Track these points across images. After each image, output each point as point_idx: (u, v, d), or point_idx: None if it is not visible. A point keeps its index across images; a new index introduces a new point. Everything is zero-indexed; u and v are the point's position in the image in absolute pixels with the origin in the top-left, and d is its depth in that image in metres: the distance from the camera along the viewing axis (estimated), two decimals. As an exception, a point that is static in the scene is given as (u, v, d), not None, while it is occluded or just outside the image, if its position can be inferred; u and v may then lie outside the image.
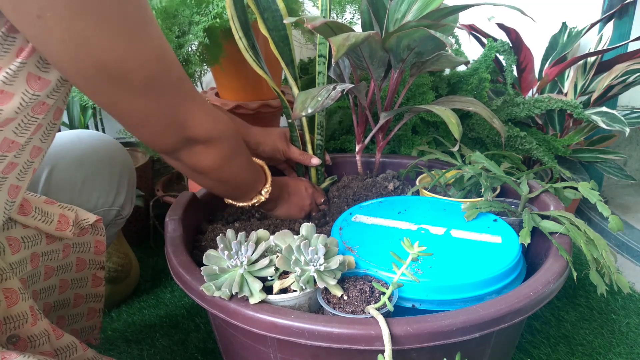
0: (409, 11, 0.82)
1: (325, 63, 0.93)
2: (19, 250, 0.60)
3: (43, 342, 0.57)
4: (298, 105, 0.71)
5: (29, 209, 0.61)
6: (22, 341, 0.55)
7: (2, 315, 0.54)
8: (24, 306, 0.56)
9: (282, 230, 0.62)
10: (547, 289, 0.58)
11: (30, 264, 0.62)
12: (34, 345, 0.56)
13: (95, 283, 0.75)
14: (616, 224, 0.71)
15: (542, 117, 1.33)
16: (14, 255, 0.59)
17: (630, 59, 1.24)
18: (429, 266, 0.64)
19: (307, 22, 0.69)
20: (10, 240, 0.59)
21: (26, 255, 0.61)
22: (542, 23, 1.34)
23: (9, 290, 0.55)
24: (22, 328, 0.55)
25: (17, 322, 0.55)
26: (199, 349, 0.89)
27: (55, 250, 0.67)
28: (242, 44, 0.86)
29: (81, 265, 0.72)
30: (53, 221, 0.63)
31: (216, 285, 0.57)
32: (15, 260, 0.59)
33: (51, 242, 0.66)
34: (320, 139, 0.96)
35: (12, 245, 0.59)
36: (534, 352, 0.87)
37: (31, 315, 0.56)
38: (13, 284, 0.55)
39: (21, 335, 0.55)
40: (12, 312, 0.54)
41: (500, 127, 0.81)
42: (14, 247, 0.59)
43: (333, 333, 0.51)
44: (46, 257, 0.66)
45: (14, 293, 0.55)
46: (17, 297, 0.55)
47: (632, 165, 1.64)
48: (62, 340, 0.59)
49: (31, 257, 0.62)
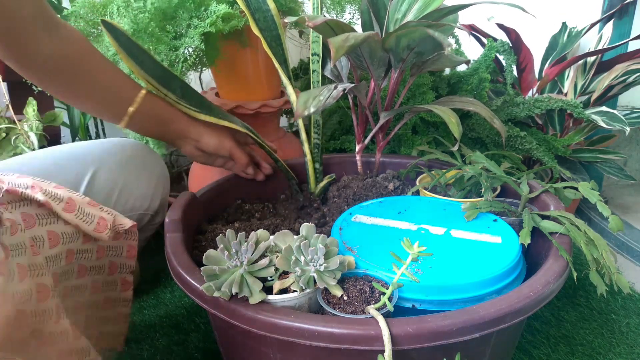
0: (410, 11, 0.82)
1: (319, 61, 0.93)
2: (57, 244, 0.62)
3: (62, 340, 0.58)
4: (300, 105, 0.71)
5: (74, 207, 0.64)
6: (44, 337, 0.56)
7: (32, 308, 0.55)
8: (52, 303, 0.57)
9: (282, 230, 0.62)
10: (547, 289, 0.58)
11: (64, 259, 0.64)
12: (53, 343, 0.57)
13: (124, 287, 0.78)
14: (616, 224, 0.71)
15: (542, 117, 1.33)
16: (51, 249, 0.61)
17: (630, 59, 1.24)
18: (429, 266, 0.64)
19: (307, 21, 0.69)
20: (51, 234, 0.61)
21: (62, 250, 0.63)
22: (542, 23, 1.34)
23: (42, 285, 0.56)
24: (46, 324, 0.56)
25: (43, 317, 0.56)
26: (199, 349, 0.89)
27: (90, 249, 0.69)
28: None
29: (113, 269, 0.75)
30: (93, 222, 0.66)
31: (216, 285, 0.57)
32: (52, 254, 0.61)
33: (87, 241, 0.68)
34: (317, 137, 0.96)
35: (52, 239, 0.61)
36: (534, 352, 0.87)
37: (56, 313, 0.57)
38: (46, 280, 0.57)
39: (44, 331, 0.56)
40: (40, 307, 0.56)
41: (501, 127, 0.81)
42: (53, 241, 0.61)
43: (333, 333, 0.51)
44: (81, 255, 0.68)
45: (45, 289, 0.57)
46: (48, 294, 0.57)
47: (632, 165, 1.64)
48: (79, 342, 0.61)
49: (67, 253, 0.64)
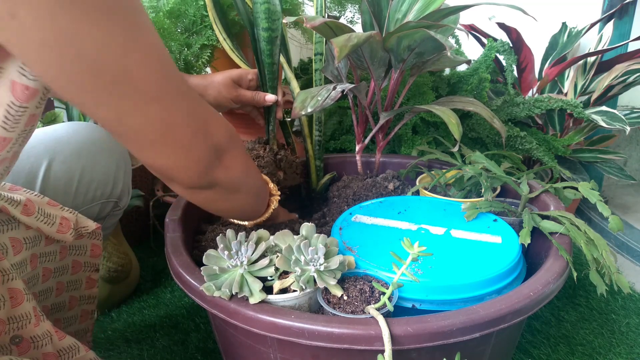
0: (410, 11, 0.82)
1: (322, 60, 0.93)
2: (21, 251, 0.59)
3: (46, 343, 0.56)
4: (298, 104, 0.71)
5: (33, 210, 0.60)
6: (25, 342, 0.55)
7: (6, 315, 0.53)
8: (28, 307, 0.55)
9: (282, 230, 0.62)
10: (547, 289, 0.58)
11: (30, 264, 0.62)
12: (37, 347, 0.56)
13: (89, 285, 0.75)
14: (616, 224, 0.71)
15: (542, 117, 1.33)
16: (15, 256, 0.59)
17: (630, 59, 1.24)
18: (429, 266, 0.64)
19: (306, 22, 0.69)
20: (13, 241, 0.59)
21: (26, 256, 0.61)
22: (542, 23, 1.34)
23: (14, 290, 0.54)
24: (26, 329, 0.54)
25: (21, 322, 0.54)
26: (199, 349, 0.89)
27: (53, 252, 0.66)
28: (227, 45, 0.88)
29: (76, 268, 0.72)
30: (55, 223, 0.63)
31: (216, 285, 0.57)
32: (17, 261, 0.59)
33: (49, 243, 0.66)
34: (318, 134, 0.96)
35: (15, 246, 0.59)
36: (534, 352, 0.87)
37: (34, 316, 0.55)
38: (18, 284, 0.55)
39: (24, 336, 0.54)
40: (16, 312, 0.54)
41: (501, 127, 0.81)
42: (16, 248, 0.59)
43: (333, 333, 0.51)
44: (44, 258, 0.65)
45: (19, 293, 0.54)
46: (22, 297, 0.55)
47: (632, 165, 1.64)
48: (64, 341, 0.59)
49: (31, 257, 0.62)
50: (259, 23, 0.81)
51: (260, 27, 0.81)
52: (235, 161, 0.53)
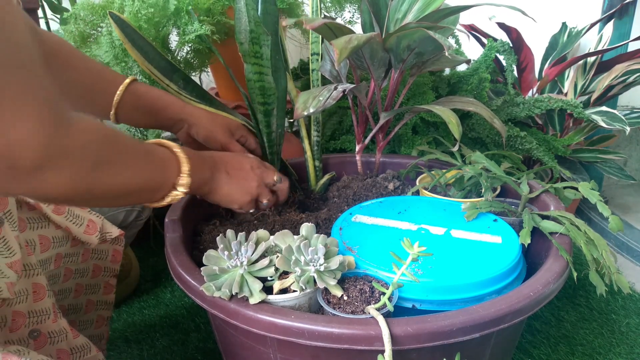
0: (410, 11, 0.81)
1: (318, 60, 0.93)
2: (48, 249, 0.62)
3: (61, 339, 0.58)
4: (300, 105, 0.71)
5: (63, 209, 0.63)
6: (43, 336, 0.57)
7: (27, 309, 0.55)
8: (48, 303, 0.57)
9: (282, 230, 0.62)
10: (547, 289, 0.58)
11: (53, 263, 0.64)
12: (53, 342, 0.57)
13: (107, 290, 0.78)
14: (616, 224, 0.71)
15: (542, 117, 1.33)
16: (42, 254, 0.61)
17: (630, 59, 1.24)
18: (429, 266, 0.64)
19: (305, 24, 0.69)
20: (42, 239, 0.61)
21: (52, 254, 0.63)
22: (542, 23, 1.34)
23: (38, 285, 0.56)
24: (44, 324, 0.57)
25: (41, 317, 0.56)
26: (199, 349, 0.89)
27: (76, 253, 0.69)
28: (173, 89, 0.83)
29: (97, 272, 0.75)
30: (82, 224, 0.66)
31: (216, 285, 0.57)
32: (42, 259, 0.61)
33: (75, 244, 0.68)
34: (317, 135, 0.96)
35: (43, 243, 0.61)
36: (534, 352, 0.87)
37: (53, 312, 0.58)
38: (41, 280, 0.57)
39: (42, 331, 0.57)
40: (37, 307, 0.56)
41: (501, 127, 0.81)
42: (44, 246, 0.61)
43: (333, 333, 0.51)
44: (68, 259, 0.68)
45: (41, 288, 0.57)
46: (44, 293, 0.57)
47: (632, 165, 1.64)
48: (78, 340, 0.61)
49: (55, 257, 0.65)
50: (255, 98, 0.84)
51: (256, 102, 0.84)
52: (52, 179, 0.41)
